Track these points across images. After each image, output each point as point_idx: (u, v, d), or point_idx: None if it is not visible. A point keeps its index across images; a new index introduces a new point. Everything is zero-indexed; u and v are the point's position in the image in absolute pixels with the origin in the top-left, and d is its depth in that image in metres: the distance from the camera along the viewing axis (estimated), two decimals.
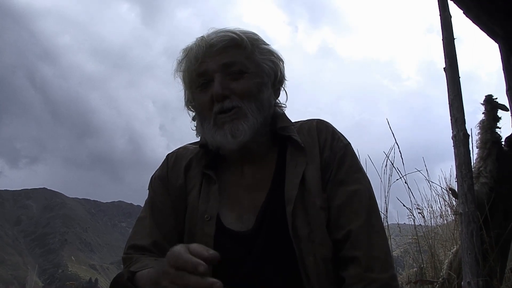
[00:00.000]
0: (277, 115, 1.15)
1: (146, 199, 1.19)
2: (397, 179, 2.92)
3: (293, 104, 1.18)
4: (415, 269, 3.16)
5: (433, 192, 3.51)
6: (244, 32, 1.10)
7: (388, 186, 2.89)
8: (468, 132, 2.36)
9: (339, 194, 1.04)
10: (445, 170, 3.66)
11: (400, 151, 2.89)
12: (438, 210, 3.53)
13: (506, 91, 3.19)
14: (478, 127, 2.73)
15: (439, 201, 3.51)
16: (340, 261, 1.02)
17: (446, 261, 2.71)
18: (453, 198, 3.06)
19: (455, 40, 2.51)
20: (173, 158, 1.19)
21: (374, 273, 0.97)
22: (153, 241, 1.09)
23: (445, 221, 3.52)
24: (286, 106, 1.18)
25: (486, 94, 2.78)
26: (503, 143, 2.70)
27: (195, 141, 1.20)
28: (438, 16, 2.58)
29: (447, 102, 2.41)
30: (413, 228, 3.19)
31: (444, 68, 2.47)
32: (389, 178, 2.90)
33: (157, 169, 1.20)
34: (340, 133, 1.14)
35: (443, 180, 3.61)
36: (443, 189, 3.50)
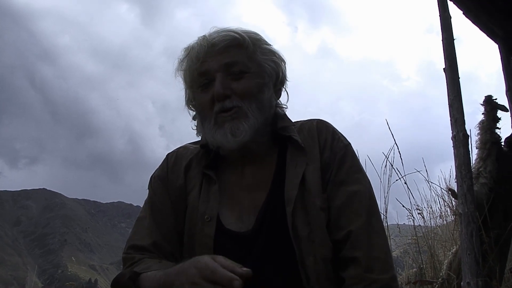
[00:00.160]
0: (278, 116, 1.15)
1: (146, 199, 1.18)
2: (396, 180, 2.91)
3: (293, 104, 1.18)
4: (414, 269, 3.16)
5: (432, 193, 3.51)
6: (246, 32, 1.09)
7: (387, 186, 2.88)
8: (468, 133, 2.37)
9: (339, 195, 1.04)
10: (445, 170, 3.67)
11: (399, 151, 2.88)
12: (437, 210, 3.53)
13: (506, 91, 3.19)
14: (477, 128, 2.74)
15: (439, 201, 3.51)
16: (340, 261, 1.01)
17: (446, 261, 2.71)
18: (453, 199, 3.06)
19: (455, 41, 2.51)
20: (173, 158, 1.18)
21: (374, 274, 0.97)
22: (153, 242, 1.09)
23: (444, 222, 3.52)
24: (287, 107, 1.18)
25: (486, 95, 2.79)
26: (502, 143, 2.70)
27: (195, 140, 1.20)
28: (438, 17, 2.58)
29: (447, 103, 2.42)
30: (413, 229, 3.18)
31: (444, 69, 2.48)
32: (388, 178, 2.89)
33: (157, 169, 1.19)
34: (340, 133, 1.14)
35: (443, 180, 3.62)
36: (442, 189, 3.50)
